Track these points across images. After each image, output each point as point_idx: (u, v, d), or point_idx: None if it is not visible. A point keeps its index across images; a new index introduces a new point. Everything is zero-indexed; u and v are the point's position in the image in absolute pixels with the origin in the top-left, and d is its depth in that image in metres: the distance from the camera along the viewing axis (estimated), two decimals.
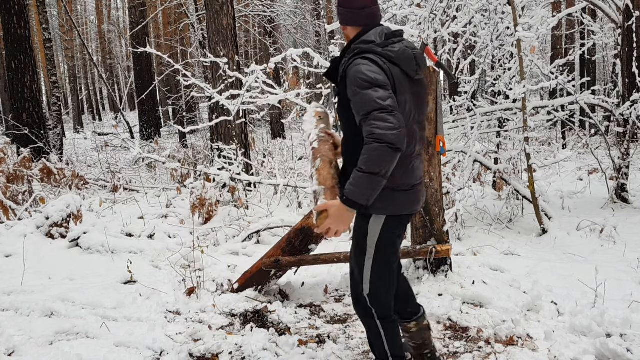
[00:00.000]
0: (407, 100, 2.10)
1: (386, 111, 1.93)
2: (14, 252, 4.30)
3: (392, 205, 2.13)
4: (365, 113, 1.96)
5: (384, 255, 2.20)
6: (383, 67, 2.03)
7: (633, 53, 6.45)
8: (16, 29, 9.45)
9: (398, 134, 1.91)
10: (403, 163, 2.10)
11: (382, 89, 1.97)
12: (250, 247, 4.87)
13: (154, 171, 10.13)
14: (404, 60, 2.09)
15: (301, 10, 18.31)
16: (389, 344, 2.26)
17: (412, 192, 2.18)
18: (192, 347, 2.87)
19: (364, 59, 2.04)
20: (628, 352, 2.67)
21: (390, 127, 1.90)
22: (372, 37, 2.11)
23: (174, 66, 6.76)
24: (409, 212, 2.21)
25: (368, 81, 1.98)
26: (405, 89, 2.10)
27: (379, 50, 2.07)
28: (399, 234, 2.25)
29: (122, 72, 34.83)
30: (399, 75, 2.07)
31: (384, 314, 2.25)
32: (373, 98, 1.95)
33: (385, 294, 2.25)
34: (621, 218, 5.45)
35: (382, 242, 2.18)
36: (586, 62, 16.23)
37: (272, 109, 14.00)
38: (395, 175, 2.06)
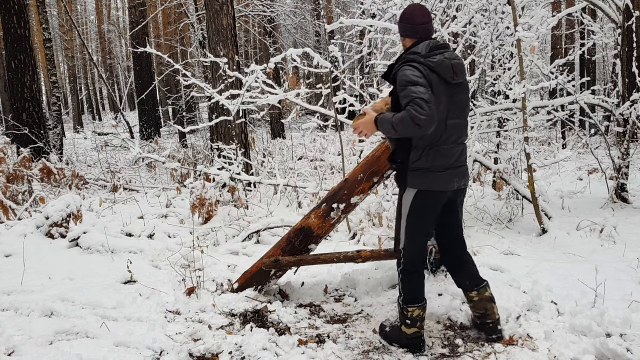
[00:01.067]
0: (443, 101, 2.63)
1: (424, 102, 2.48)
2: (14, 252, 4.30)
3: (424, 182, 2.69)
4: (408, 101, 2.52)
5: (413, 222, 2.78)
6: (424, 72, 2.59)
7: (633, 53, 6.45)
8: (16, 29, 9.45)
9: (426, 120, 2.46)
10: (437, 149, 2.67)
11: (423, 87, 2.54)
12: (250, 247, 4.87)
13: (154, 171, 10.13)
14: (442, 69, 2.63)
15: (301, 10, 18.30)
16: (403, 288, 2.87)
17: (445, 173, 2.70)
18: (192, 347, 2.87)
19: (409, 66, 2.62)
20: (628, 352, 2.67)
21: (423, 113, 2.46)
22: (419, 50, 2.67)
23: (174, 66, 6.76)
24: (440, 190, 2.72)
25: (412, 81, 2.55)
26: (441, 91, 2.63)
27: (421, 60, 2.63)
28: (430, 208, 2.76)
29: (122, 72, 34.83)
30: (436, 81, 2.61)
31: (407, 267, 2.84)
32: (415, 91, 2.52)
33: (412, 252, 2.82)
34: (621, 218, 5.44)
35: (412, 211, 2.75)
36: (586, 62, 16.23)
37: (272, 109, 13.99)
38: (429, 159, 2.67)
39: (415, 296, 2.86)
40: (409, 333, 2.89)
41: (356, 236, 5.20)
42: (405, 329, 2.89)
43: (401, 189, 2.83)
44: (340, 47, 14.60)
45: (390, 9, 5.93)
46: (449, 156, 2.71)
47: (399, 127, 2.54)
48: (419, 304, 2.86)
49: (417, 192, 2.71)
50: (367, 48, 6.43)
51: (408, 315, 2.86)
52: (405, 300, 2.86)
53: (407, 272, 2.85)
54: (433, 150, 2.66)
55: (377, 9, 6.61)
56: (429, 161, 2.67)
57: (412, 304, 2.85)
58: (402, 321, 2.90)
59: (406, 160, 2.73)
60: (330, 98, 5.71)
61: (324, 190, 5.95)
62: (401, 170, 2.79)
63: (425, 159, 2.67)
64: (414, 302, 2.85)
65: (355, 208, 3.60)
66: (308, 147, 9.72)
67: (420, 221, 2.78)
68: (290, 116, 6.32)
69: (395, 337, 2.97)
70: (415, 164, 2.70)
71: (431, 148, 2.67)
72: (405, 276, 2.86)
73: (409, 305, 2.85)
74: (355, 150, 6.91)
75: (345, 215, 3.56)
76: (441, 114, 2.61)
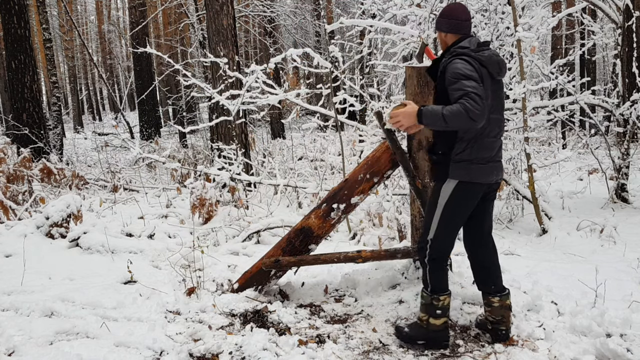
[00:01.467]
0: (489, 95, 2.70)
1: (477, 95, 2.52)
2: (14, 252, 4.30)
3: (467, 173, 2.73)
4: (463, 94, 2.54)
5: (449, 213, 2.79)
6: (475, 66, 2.64)
7: (633, 53, 6.45)
8: (16, 29, 9.45)
9: (479, 115, 2.51)
10: (481, 141, 2.73)
11: (475, 81, 2.57)
12: (250, 247, 4.87)
13: (154, 171, 10.13)
14: (491, 63, 2.71)
15: (301, 10, 18.30)
16: (430, 279, 2.87)
17: (486, 165, 2.76)
18: (192, 347, 2.87)
19: (460, 59, 2.65)
20: (628, 352, 2.67)
21: (477, 107, 2.50)
22: (466, 44, 2.73)
23: (174, 66, 6.76)
24: (481, 181, 2.76)
25: (464, 74, 2.58)
26: (488, 86, 2.71)
27: (472, 54, 2.68)
28: (469, 199, 2.80)
29: (122, 72, 34.83)
30: (485, 75, 2.69)
31: (435, 257, 2.85)
32: (468, 85, 2.55)
33: (443, 243, 2.84)
34: (621, 218, 5.44)
35: (451, 202, 2.77)
36: (586, 62, 16.23)
37: (272, 109, 13.99)
38: (473, 150, 2.72)
39: (443, 285, 2.89)
40: (439, 324, 2.88)
41: (356, 236, 5.20)
42: (434, 320, 2.88)
43: (438, 180, 2.86)
44: (340, 47, 14.60)
45: (390, 9, 5.93)
46: (491, 149, 2.79)
47: (451, 120, 2.54)
48: (447, 292, 2.90)
49: (458, 182, 2.75)
50: (367, 48, 6.43)
51: (439, 304, 2.87)
52: (434, 290, 2.87)
53: (435, 262, 2.86)
54: (477, 143, 2.73)
55: (377, 9, 6.61)
56: (472, 153, 2.73)
57: (442, 292, 2.87)
58: (430, 313, 2.89)
59: (448, 151, 2.77)
60: (330, 98, 5.71)
61: (324, 190, 5.95)
62: (441, 161, 2.82)
63: (469, 150, 2.73)
64: (443, 291, 2.88)
65: (355, 208, 3.59)
66: (308, 147, 9.72)
67: (458, 212, 2.82)
68: (290, 116, 6.32)
69: (420, 334, 2.93)
70: (458, 155, 2.74)
71: (475, 140, 2.73)
72: (433, 265, 2.86)
73: (440, 294, 2.87)
74: (355, 150, 6.92)
75: (345, 215, 3.56)
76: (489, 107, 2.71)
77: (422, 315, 2.94)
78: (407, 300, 3.43)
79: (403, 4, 5.94)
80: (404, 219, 4.91)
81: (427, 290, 2.90)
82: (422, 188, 3.39)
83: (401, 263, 3.78)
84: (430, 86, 3.32)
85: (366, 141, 5.92)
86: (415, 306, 3.37)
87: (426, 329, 2.91)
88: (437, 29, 2.90)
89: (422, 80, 3.30)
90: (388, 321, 3.27)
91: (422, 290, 2.93)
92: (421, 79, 3.30)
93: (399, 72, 6.91)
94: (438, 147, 2.85)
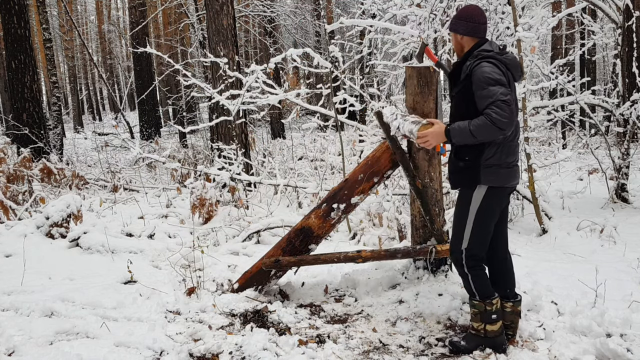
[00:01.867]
0: (514, 98, 2.71)
1: (506, 104, 2.54)
2: (14, 252, 4.30)
3: (496, 178, 2.74)
4: (489, 102, 2.56)
5: (481, 220, 2.78)
6: (502, 69, 2.66)
7: (633, 53, 6.45)
8: (16, 29, 9.45)
9: (507, 122, 2.53)
10: (508, 146, 2.74)
11: (504, 87, 2.59)
12: (250, 247, 4.87)
13: (154, 171, 10.13)
14: (514, 67, 2.74)
15: (301, 10, 18.29)
16: (475, 287, 2.84)
17: (512, 169, 2.79)
18: (192, 347, 2.87)
19: (488, 62, 2.65)
20: (628, 352, 2.67)
21: (505, 115, 2.52)
22: (489, 47, 2.74)
23: (174, 66, 6.76)
24: (509, 185, 2.80)
25: (494, 79, 2.59)
26: (513, 89, 2.73)
27: (498, 57, 2.69)
28: (498, 204, 2.81)
29: (122, 72, 34.82)
30: (511, 78, 2.72)
31: (474, 265, 2.82)
32: (498, 92, 2.56)
33: (478, 250, 2.82)
34: (621, 218, 5.44)
35: (482, 208, 2.76)
36: (586, 62, 16.22)
37: (272, 109, 13.99)
38: (502, 155, 2.72)
39: (489, 289, 2.85)
40: (496, 329, 2.84)
41: (356, 236, 5.20)
42: (490, 326, 2.83)
43: (465, 187, 2.82)
44: (340, 47, 14.59)
45: (390, 9, 5.93)
46: (515, 152, 2.81)
47: (479, 133, 2.57)
48: (495, 296, 2.86)
49: (489, 188, 2.74)
50: (367, 48, 6.43)
51: (492, 309, 2.82)
52: (483, 296, 2.83)
53: (475, 269, 2.83)
54: (505, 147, 2.73)
55: (377, 9, 6.61)
56: (501, 157, 2.72)
57: (491, 297, 2.84)
58: (485, 320, 2.83)
59: (477, 157, 2.73)
60: (330, 98, 5.71)
61: (324, 190, 5.95)
62: (469, 167, 2.76)
63: (498, 155, 2.71)
64: (492, 294, 2.84)
65: (355, 208, 3.59)
66: (308, 147, 9.72)
67: (490, 217, 2.81)
68: (290, 116, 6.31)
69: (479, 344, 2.88)
70: (488, 161, 2.72)
71: (504, 145, 2.72)
72: (474, 273, 2.83)
73: (492, 298, 2.83)
74: (355, 150, 6.91)
75: (345, 215, 3.56)
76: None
77: (477, 325, 2.87)
78: (407, 300, 3.43)
79: (403, 4, 5.94)
80: (404, 219, 4.91)
81: (476, 299, 2.85)
82: (422, 188, 3.39)
83: (401, 263, 3.78)
84: (431, 86, 3.32)
85: (366, 141, 5.92)
86: (415, 306, 3.37)
87: (484, 337, 2.86)
88: (452, 31, 2.87)
89: (422, 80, 3.30)
90: (388, 321, 3.27)
91: (471, 300, 2.88)
92: (421, 79, 3.30)
93: (399, 72, 6.92)
94: (464, 153, 2.79)
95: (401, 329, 3.15)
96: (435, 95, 3.33)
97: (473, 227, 2.78)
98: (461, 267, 2.85)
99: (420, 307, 3.34)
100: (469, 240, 2.80)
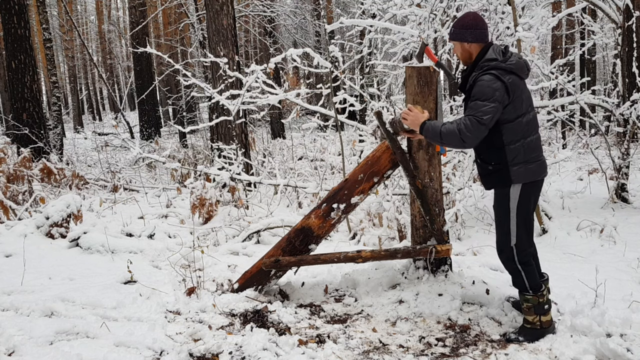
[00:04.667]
0: (523, 98, 2.82)
1: (479, 122, 2.70)
2: (14, 252, 4.30)
3: (527, 174, 2.83)
4: (469, 114, 2.75)
5: (523, 214, 2.89)
6: (503, 79, 2.73)
7: (633, 53, 6.45)
8: (16, 29, 9.44)
9: (471, 138, 2.72)
10: (528, 143, 2.83)
11: (493, 103, 2.71)
12: (250, 247, 4.87)
13: (154, 171, 10.13)
14: (519, 68, 2.82)
15: (301, 10, 18.29)
16: (528, 280, 2.92)
17: (539, 162, 2.88)
18: (192, 347, 2.87)
19: (489, 74, 2.75)
20: (628, 352, 2.67)
21: (472, 131, 2.71)
22: (493, 55, 2.82)
23: (174, 66, 6.76)
24: (540, 178, 2.90)
25: (485, 95, 2.71)
26: (520, 89, 2.82)
27: (502, 65, 2.77)
28: (533, 197, 2.91)
29: (122, 72, 34.82)
30: (516, 80, 2.79)
31: (525, 259, 2.92)
32: (481, 108, 2.71)
33: (527, 244, 2.93)
34: (621, 218, 5.44)
35: (521, 204, 2.86)
36: (586, 62, 16.22)
37: (272, 109, 13.99)
38: (526, 153, 2.82)
39: (539, 282, 2.95)
40: (550, 318, 2.95)
41: (356, 236, 5.20)
42: (545, 317, 2.92)
43: (499, 186, 2.91)
44: (340, 47, 14.59)
45: (390, 9, 5.93)
46: (538, 147, 2.89)
47: (446, 138, 2.79)
48: (543, 287, 2.95)
49: (523, 185, 2.84)
50: (367, 48, 6.43)
51: (544, 300, 2.92)
52: (535, 289, 2.92)
53: (526, 264, 2.92)
54: (526, 143, 2.82)
55: (377, 9, 6.61)
56: (526, 154, 2.82)
57: (542, 289, 2.93)
58: (540, 312, 2.91)
59: (502, 160, 2.84)
60: (330, 98, 5.71)
61: (324, 190, 5.95)
62: (498, 170, 2.87)
63: (523, 152, 2.82)
64: (541, 287, 2.94)
65: (355, 208, 3.59)
66: (308, 147, 9.72)
67: (529, 212, 2.92)
68: (290, 116, 6.31)
69: (536, 336, 2.94)
70: (515, 160, 2.82)
71: (524, 142, 2.82)
72: (526, 268, 2.92)
73: (542, 291, 2.92)
74: (355, 150, 6.91)
75: (345, 215, 3.56)
76: (523, 109, 2.83)
77: (532, 318, 2.94)
78: (407, 300, 3.43)
79: (403, 4, 5.94)
80: (404, 219, 4.91)
81: (529, 292, 2.92)
82: (422, 188, 3.39)
83: (401, 263, 3.78)
84: (431, 86, 3.32)
85: (366, 141, 5.91)
86: (415, 306, 3.37)
87: (540, 329, 2.94)
88: (458, 41, 2.93)
89: (422, 80, 3.30)
90: (388, 321, 3.27)
91: (523, 294, 2.94)
92: (421, 79, 3.30)
93: (399, 72, 6.92)
94: (490, 157, 2.90)
95: (401, 328, 3.15)
96: (435, 95, 3.33)
97: (517, 222, 2.88)
98: (513, 263, 2.93)
99: (420, 307, 3.34)
100: (517, 236, 2.90)
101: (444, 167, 5.47)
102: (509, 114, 2.78)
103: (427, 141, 3.38)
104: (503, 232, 2.94)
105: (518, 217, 2.88)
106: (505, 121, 2.79)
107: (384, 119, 3.36)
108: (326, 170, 7.68)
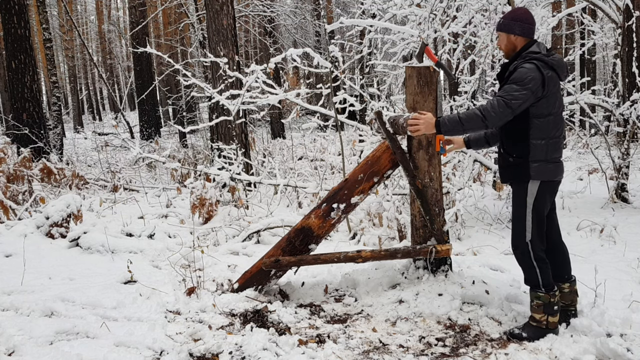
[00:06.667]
0: (557, 97, 2.85)
1: (507, 105, 2.73)
2: (14, 252, 4.30)
3: (547, 173, 2.86)
4: (499, 95, 2.78)
5: (539, 211, 2.90)
6: (543, 72, 2.76)
7: (633, 53, 6.45)
8: (16, 29, 9.45)
9: (495, 118, 2.76)
10: (554, 142, 2.85)
11: (526, 91, 2.72)
12: (250, 247, 4.86)
13: (154, 171, 10.13)
14: (560, 67, 2.86)
15: (301, 10, 18.30)
16: (542, 278, 2.92)
17: (559, 164, 2.92)
18: (192, 347, 2.86)
19: (531, 63, 2.79)
20: (628, 351, 2.67)
21: (497, 112, 2.75)
22: (537, 49, 2.87)
23: (174, 66, 6.76)
24: (557, 179, 2.93)
25: (522, 81, 2.73)
26: (556, 88, 2.84)
27: (545, 59, 2.81)
28: (549, 197, 2.93)
29: (122, 72, 34.82)
30: (554, 78, 2.82)
31: (540, 256, 2.93)
32: (512, 92, 2.74)
33: (541, 240, 2.94)
34: (621, 218, 5.44)
35: (537, 200, 2.88)
36: (586, 62, 16.23)
37: (272, 109, 13.99)
38: (548, 151, 2.84)
39: (552, 281, 2.94)
40: (557, 320, 2.94)
41: (356, 236, 5.20)
42: (552, 318, 2.92)
43: (518, 181, 2.93)
44: (340, 47, 14.59)
45: (390, 9, 5.93)
46: (560, 148, 2.92)
47: (468, 123, 2.83)
48: (556, 288, 2.95)
49: (541, 182, 2.86)
50: (367, 48, 6.43)
51: (555, 300, 2.91)
52: (547, 287, 2.91)
53: (541, 260, 2.92)
54: (552, 142, 2.85)
55: (377, 9, 6.61)
56: (549, 153, 2.84)
57: (554, 289, 2.93)
58: (549, 312, 2.91)
59: (525, 154, 2.86)
60: (330, 98, 5.71)
61: (324, 190, 5.95)
62: (518, 164, 2.89)
63: (545, 152, 2.83)
64: (554, 287, 2.94)
65: (355, 208, 3.59)
66: (308, 147, 9.72)
67: (544, 210, 2.93)
68: (290, 116, 6.31)
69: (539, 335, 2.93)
70: (537, 156, 2.84)
71: (548, 140, 2.84)
72: (541, 264, 2.92)
73: (554, 291, 2.93)
74: (355, 150, 6.91)
75: (345, 215, 3.56)
76: (556, 107, 2.84)
77: (540, 317, 2.93)
78: (407, 300, 3.43)
79: (403, 4, 5.94)
80: (404, 219, 4.91)
81: (541, 290, 2.92)
82: (422, 188, 3.39)
83: (401, 263, 3.78)
84: (431, 86, 3.32)
85: (366, 141, 5.91)
86: (415, 306, 3.36)
87: (546, 329, 2.93)
88: (506, 32, 2.96)
89: (422, 80, 3.30)
90: (388, 321, 3.27)
91: (534, 292, 2.94)
92: (421, 79, 3.30)
93: (399, 72, 6.92)
94: (514, 150, 2.91)
95: (401, 328, 3.15)
96: (435, 95, 3.33)
97: (533, 218, 2.90)
98: (528, 259, 2.93)
99: (420, 307, 3.34)
100: (532, 232, 2.91)
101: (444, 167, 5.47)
102: (541, 109, 2.79)
103: (427, 141, 3.38)
104: (519, 227, 2.95)
105: (534, 213, 2.89)
106: (535, 115, 2.80)
107: (383, 119, 3.36)
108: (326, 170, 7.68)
